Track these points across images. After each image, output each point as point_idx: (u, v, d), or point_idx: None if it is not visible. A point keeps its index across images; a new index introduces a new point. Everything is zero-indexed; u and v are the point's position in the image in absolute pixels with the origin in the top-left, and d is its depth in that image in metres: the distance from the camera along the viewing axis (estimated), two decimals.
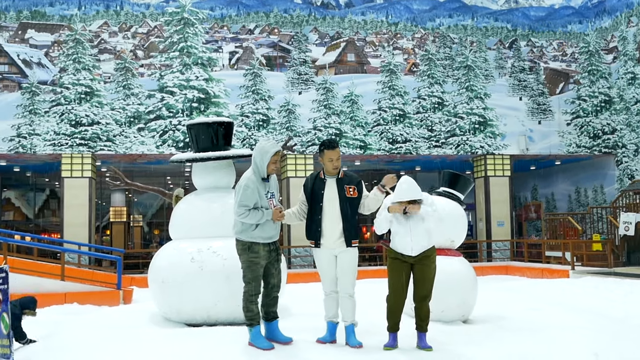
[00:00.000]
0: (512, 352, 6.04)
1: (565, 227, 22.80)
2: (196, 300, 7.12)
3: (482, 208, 24.81)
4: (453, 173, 8.01)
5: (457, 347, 6.21)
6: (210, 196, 7.66)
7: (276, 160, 6.12)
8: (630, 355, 6.30)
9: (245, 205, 6.00)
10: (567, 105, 25.24)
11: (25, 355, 6.22)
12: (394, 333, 6.16)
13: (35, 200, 30.21)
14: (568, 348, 6.31)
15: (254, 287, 6.08)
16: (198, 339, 6.25)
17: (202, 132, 7.67)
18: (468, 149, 24.06)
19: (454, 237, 7.77)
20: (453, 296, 7.46)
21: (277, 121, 22.93)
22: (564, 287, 13.93)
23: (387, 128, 23.63)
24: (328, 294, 6.35)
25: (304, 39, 24.00)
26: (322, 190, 6.23)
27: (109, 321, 7.72)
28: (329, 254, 6.23)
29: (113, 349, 6.06)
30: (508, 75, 25.17)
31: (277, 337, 6.16)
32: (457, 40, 25.07)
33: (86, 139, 21.60)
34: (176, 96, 22.19)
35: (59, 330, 7.25)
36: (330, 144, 6.27)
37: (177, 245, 7.53)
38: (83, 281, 16.07)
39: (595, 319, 8.33)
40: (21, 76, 21.78)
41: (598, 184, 26.11)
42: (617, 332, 7.44)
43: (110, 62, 22.48)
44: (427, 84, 24.26)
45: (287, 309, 7.98)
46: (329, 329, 6.34)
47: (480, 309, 8.42)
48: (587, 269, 18.74)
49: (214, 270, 7.08)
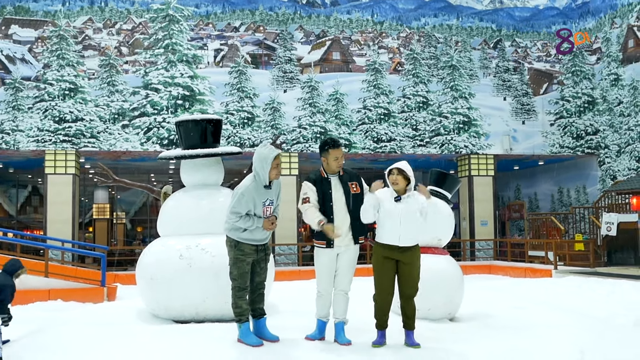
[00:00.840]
0: (499, 349, 6.10)
1: (548, 226, 23.00)
2: (185, 297, 7.11)
3: (465, 207, 24.96)
4: (440, 172, 8.07)
5: (445, 344, 6.26)
6: (198, 193, 7.66)
7: (277, 164, 6.06)
8: (614, 353, 6.38)
9: (237, 212, 5.99)
10: (551, 106, 25.44)
11: (14, 352, 6.18)
12: (382, 331, 6.19)
13: (18, 197, 29.96)
14: (554, 345, 6.39)
15: (240, 284, 6.09)
16: (187, 336, 6.25)
17: (190, 129, 7.65)
18: (452, 148, 24.19)
19: (441, 235, 7.83)
20: (440, 294, 7.51)
21: (262, 119, 22.91)
22: (547, 287, 14.05)
23: (372, 127, 23.69)
24: (322, 294, 6.31)
25: (290, 37, 23.99)
26: (330, 190, 6.21)
27: (97, 318, 7.69)
28: (332, 253, 6.21)
29: (102, 346, 6.05)
30: (492, 75, 25.33)
31: (264, 334, 6.17)
32: (442, 39, 25.18)
33: (70, 135, 21.45)
34: (161, 93, 22.10)
35: (47, 327, 7.20)
36: (334, 143, 6.25)
37: (166, 242, 7.52)
38: (67, 278, 15.98)
39: (579, 317, 8.42)
40: (4, 72, 21.58)
41: (581, 184, 26.35)
42: (601, 331, 7.52)
43: (95, 58, 22.33)
44: (412, 83, 24.35)
45: (274, 306, 8.00)
46: (318, 327, 6.35)
47: (466, 307, 8.48)
48: (569, 269, 18.92)
49: (203, 267, 7.08)
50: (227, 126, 22.46)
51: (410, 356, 5.80)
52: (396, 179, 6.09)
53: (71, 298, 14.28)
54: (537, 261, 21.17)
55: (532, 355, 5.98)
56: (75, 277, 16.24)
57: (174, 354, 5.69)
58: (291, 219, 21.94)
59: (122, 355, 5.75)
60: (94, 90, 21.99)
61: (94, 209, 30.33)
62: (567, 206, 26.17)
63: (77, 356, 5.81)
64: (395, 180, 6.09)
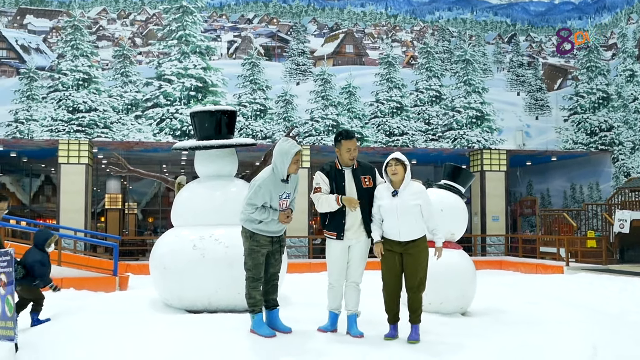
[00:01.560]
0: (511, 344, 6.09)
1: (560, 223, 22.91)
2: (197, 287, 7.14)
3: (477, 202, 24.89)
4: (454, 166, 8.04)
5: (457, 338, 6.25)
6: (212, 184, 7.68)
7: (297, 160, 6.06)
8: (627, 350, 6.36)
9: (253, 204, 6.01)
10: (565, 102, 25.28)
11: (30, 338, 6.23)
12: (394, 324, 6.18)
13: (31, 186, 30.15)
14: (567, 341, 6.37)
15: (254, 275, 6.11)
16: (199, 326, 6.28)
17: (205, 120, 7.66)
18: (465, 143, 24.11)
19: (454, 230, 7.81)
20: (452, 288, 7.51)
21: (275, 111, 22.92)
22: (559, 283, 14.06)
23: (384, 120, 23.65)
24: (333, 286, 6.32)
25: (303, 30, 23.95)
26: (343, 182, 6.20)
27: (110, 307, 7.74)
28: (344, 245, 6.21)
29: (115, 334, 6.09)
30: (506, 70, 25.19)
31: (277, 325, 6.19)
32: (456, 33, 25.06)
33: (83, 125, 21.55)
34: (174, 84, 22.15)
35: (61, 315, 7.26)
36: (347, 134, 6.24)
37: (179, 232, 7.55)
38: (79, 267, 16.10)
39: (591, 314, 8.40)
40: (19, 61, 21.68)
41: (594, 181, 26.19)
42: (614, 327, 7.51)
43: (109, 49, 22.39)
44: (425, 77, 24.27)
45: (286, 298, 8.02)
46: (330, 319, 6.36)
47: (478, 302, 8.46)
48: (581, 266, 18.86)
49: (216, 257, 7.10)
50: (240, 118, 22.48)
51: (421, 349, 5.79)
52: (395, 170, 6.05)
53: (83, 287, 14.40)
54: (549, 257, 21.11)
55: (545, 351, 5.96)
56: (87, 266, 16.35)
57: (187, 343, 5.72)
58: (302, 211, 21.96)
59: (134, 343, 5.78)
60: (107, 81, 22.06)
61: (106, 199, 30.47)
62: (580, 203, 26.03)
63: (91, 344, 5.85)
64: (395, 171, 6.06)
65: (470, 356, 5.64)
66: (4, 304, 6.01)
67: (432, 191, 8.05)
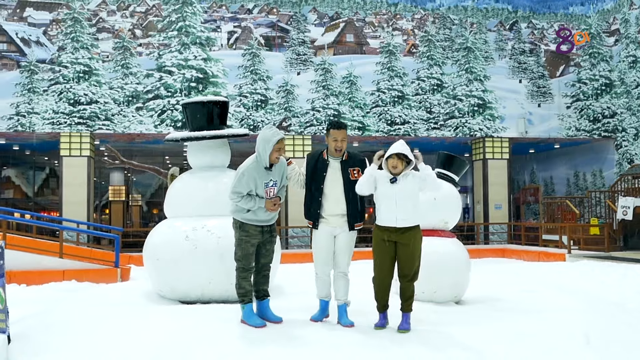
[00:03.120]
0: (503, 332, 6.08)
1: (563, 210, 22.83)
2: (190, 278, 7.15)
3: (479, 191, 24.83)
4: (448, 155, 8.01)
5: (448, 327, 6.24)
6: (205, 175, 7.67)
7: (280, 148, 6.03)
8: (621, 337, 6.33)
9: (238, 192, 6.01)
10: (568, 88, 25.15)
11: (21, 330, 6.25)
12: (383, 313, 6.17)
13: (35, 179, 30.23)
14: (560, 329, 6.35)
15: (244, 265, 6.11)
16: (190, 316, 6.29)
17: (197, 111, 7.64)
18: (467, 131, 24.03)
19: (448, 218, 7.79)
20: (446, 277, 7.50)
21: (276, 101, 22.88)
22: (560, 270, 14.02)
23: (386, 109, 23.58)
24: (319, 276, 6.36)
25: (303, 19, 23.86)
26: (325, 172, 6.20)
27: (104, 298, 7.76)
28: (329, 234, 6.23)
29: (107, 325, 6.11)
30: (508, 58, 25.05)
31: (267, 316, 6.20)
32: (457, 21, 24.92)
33: (85, 118, 21.57)
34: (174, 76, 22.13)
35: (55, 307, 7.29)
36: (337, 124, 6.24)
37: (172, 223, 7.56)
38: (81, 259, 16.15)
39: (589, 301, 8.38)
40: (20, 55, 21.69)
41: (597, 167, 26.10)
42: (611, 315, 7.48)
43: (109, 41, 22.37)
44: (426, 65, 24.17)
45: (280, 288, 8.03)
46: (321, 306, 6.38)
47: (475, 290, 8.47)
48: (583, 253, 18.82)
49: (208, 248, 7.10)
50: (241, 108, 22.47)
51: (411, 338, 5.78)
52: (396, 164, 6.02)
53: (85, 279, 14.44)
54: (552, 245, 21.05)
55: (536, 338, 5.93)
56: (89, 258, 16.39)
57: (176, 334, 5.73)
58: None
59: (125, 334, 5.80)
60: (108, 73, 22.06)
61: (110, 191, 30.53)
62: (583, 190, 25.95)
63: (82, 335, 5.87)
64: (395, 165, 6.03)
65: (460, 344, 5.63)
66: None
67: None
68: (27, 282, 14.04)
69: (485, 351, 5.48)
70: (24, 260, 15.22)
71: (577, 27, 25.46)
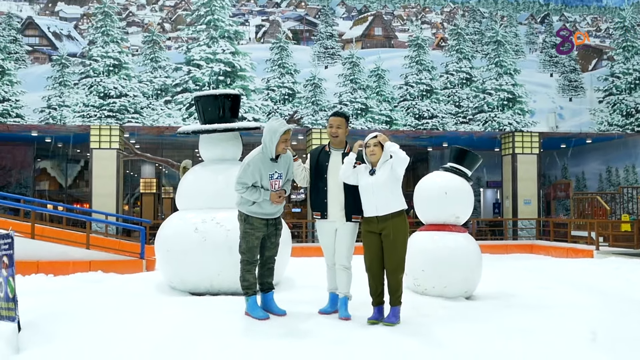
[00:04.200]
0: (507, 328, 6.00)
1: (594, 206, 22.47)
2: (199, 270, 7.21)
3: (509, 186, 24.55)
4: (460, 149, 7.93)
5: (452, 323, 6.16)
6: (216, 168, 7.72)
7: (286, 139, 6.07)
8: (631, 336, 6.21)
9: (243, 183, 6.05)
10: (600, 83, 24.69)
11: (30, 319, 6.38)
12: (377, 307, 6.13)
13: (70, 171, 30.77)
14: (567, 325, 6.24)
15: (248, 257, 6.14)
16: (196, 307, 6.35)
17: (209, 104, 7.69)
18: (496, 125, 23.76)
19: (459, 213, 7.71)
20: (456, 272, 7.42)
21: (303, 95, 22.91)
22: (584, 267, 13.78)
23: (414, 103, 23.44)
24: (330, 267, 6.42)
25: (331, 13, 23.83)
26: (327, 163, 6.29)
27: (117, 289, 7.88)
28: (331, 226, 6.28)
29: (114, 315, 6.20)
30: (539, 51, 24.69)
31: (271, 308, 6.23)
32: (487, 14, 24.63)
33: (114, 111, 21.87)
34: (203, 69, 22.29)
35: (66, 297, 7.42)
36: (334, 112, 6.41)
37: (183, 215, 7.63)
38: (108, 250, 16.41)
39: (605, 299, 8.21)
40: (51, 48, 22.07)
41: (630, 163, 25.60)
42: (624, 312, 7.32)
43: (138, 35, 22.64)
44: (455, 59, 23.95)
45: (291, 280, 8.06)
46: (330, 300, 6.41)
47: (489, 286, 8.38)
48: (612, 250, 18.49)
49: (217, 241, 7.16)
50: (268, 102, 22.55)
51: (413, 333, 5.75)
52: (373, 150, 6.05)
53: (111, 270, 14.63)
54: (582, 242, 20.73)
55: (541, 335, 5.85)
56: (116, 250, 16.65)
57: (181, 325, 5.79)
58: None
59: (131, 324, 5.87)
60: (137, 67, 22.33)
61: (141, 184, 30.95)
62: (616, 186, 25.49)
63: (89, 325, 5.97)
64: (373, 152, 6.05)
65: (460, 340, 5.58)
66: (6, 286, 6.16)
67: (437, 174, 7.99)
68: (55, 273, 14.31)
69: (486, 348, 5.42)
70: (51, 251, 15.53)
71: (611, 19, 24.96)
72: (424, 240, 7.64)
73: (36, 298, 7.78)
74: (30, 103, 21.49)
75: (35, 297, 8.05)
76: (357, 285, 6.56)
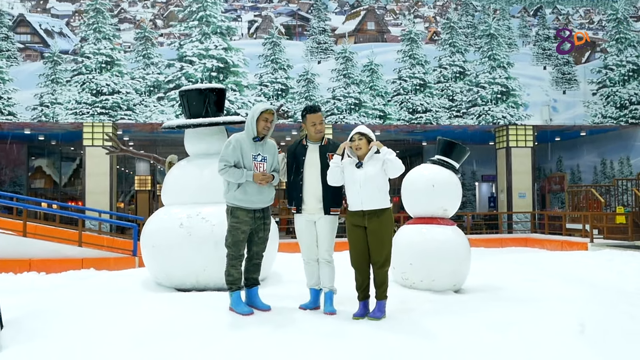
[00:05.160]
0: (493, 321, 5.96)
1: (588, 199, 22.45)
2: (185, 265, 7.15)
3: (503, 179, 24.53)
4: (448, 141, 7.88)
5: (438, 316, 6.11)
6: (201, 162, 7.65)
7: (267, 118, 6.09)
8: (618, 327, 6.16)
9: (225, 161, 6.03)
10: (593, 75, 24.67)
11: (14, 317, 6.33)
12: (362, 302, 6.08)
13: (65, 169, 30.71)
14: (554, 318, 6.20)
15: (234, 252, 6.09)
16: (180, 303, 6.29)
17: (193, 98, 7.64)
18: (490, 119, 23.73)
19: (447, 206, 7.67)
20: (444, 265, 7.37)
21: (296, 90, 22.86)
22: (578, 260, 13.78)
23: (407, 98, 23.40)
24: (307, 262, 6.36)
25: (324, 7, 23.76)
26: (304, 157, 6.22)
27: (104, 286, 7.82)
28: (308, 220, 6.22)
29: (98, 312, 6.14)
30: (532, 44, 24.66)
31: (255, 303, 6.17)
32: (480, 7, 24.57)
33: (107, 108, 21.80)
34: (195, 65, 22.22)
35: (51, 294, 7.37)
36: (312, 109, 6.27)
37: (168, 210, 7.57)
38: (100, 247, 16.38)
39: (595, 291, 8.17)
40: (43, 46, 22.00)
41: (624, 155, 25.59)
42: (614, 305, 7.27)
43: (130, 31, 22.56)
44: (448, 52, 23.91)
45: (278, 275, 8.01)
46: (312, 296, 6.35)
47: (478, 279, 8.34)
48: (606, 242, 18.49)
49: (202, 236, 7.09)
50: (262, 98, 22.50)
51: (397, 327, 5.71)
52: (359, 144, 6.00)
53: (103, 267, 14.61)
54: (577, 234, 20.73)
55: (527, 327, 5.80)
56: (109, 247, 16.62)
57: (163, 321, 5.74)
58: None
59: (114, 321, 5.82)
60: (129, 63, 22.26)
61: (135, 181, 30.88)
62: (611, 178, 25.47)
63: (71, 322, 5.91)
64: (358, 146, 6.01)
65: (445, 333, 5.54)
66: None
67: (424, 166, 7.94)
68: (47, 270, 14.26)
69: (472, 341, 5.38)
70: (44, 249, 15.50)
71: (604, 12, 24.91)
72: (412, 234, 7.60)
73: (22, 296, 7.73)
74: (23, 101, 21.42)
75: (22, 295, 8.00)
76: (342, 280, 6.51)
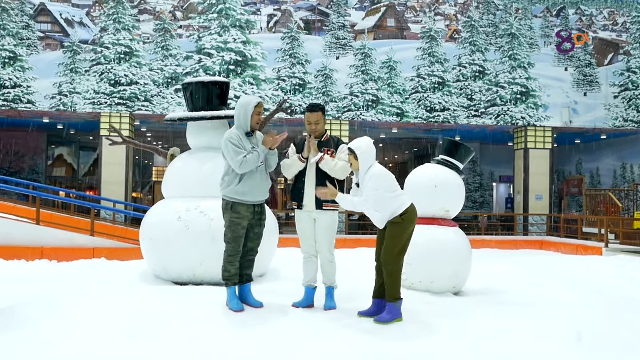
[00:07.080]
0: (488, 326, 5.87)
1: (606, 203, 22.14)
2: (182, 259, 7.14)
3: (520, 180, 24.28)
4: (452, 141, 7.78)
5: (432, 319, 6.05)
6: (202, 156, 7.63)
7: (259, 112, 6.09)
8: (616, 336, 6.03)
9: (241, 152, 5.91)
10: (616, 77, 24.30)
11: (9, 305, 6.36)
12: (375, 300, 6.04)
13: (84, 158, 30.92)
14: (552, 324, 6.09)
15: (233, 248, 6.06)
16: (174, 297, 6.28)
17: (196, 91, 7.60)
18: (508, 119, 23.49)
19: (449, 206, 7.57)
20: (444, 267, 7.29)
21: (314, 86, 22.80)
22: (588, 264, 13.52)
23: (425, 96, 23.23)
24: (306, 258, 6.35)
25: (344, 3, 23.65)
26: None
27: (103, 276, 7.85)
28: (308, 216, 6.22)
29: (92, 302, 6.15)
30: (554, 44, 24.33)
31: (247, 300, 6.15)
32: (502, 6, 24.31)
33: (124, 98, 21.91)
34: (213, 58, 22.24)
35: (53, 283, 7.40)
36: (310, 107, 6.26)
37: (168, 203, 7.55)
38: (112, 237, 16.46)
39: (599, 297, 8.01)
40: (63, 35, 22.15)
41: None
42: (615, 312, 7.13)
43: (150, 22, 22.65)
44: (468, 51, 23.69)
45: (277, 271, 7.97)
46: (306, 293, 6.32)
47: (479, 281, 8.25)
48: (622, 247, 18.21)
49: (200, 230, 7.07)
50: (279, 92, 22.48)
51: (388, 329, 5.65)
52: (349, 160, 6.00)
53: (114, 257, 14.65)
54: (594, 238, 20.45)
55: (522, 333, 5.71)
56: (120, 237, 16.69)
57: (155, 314, 5.73)
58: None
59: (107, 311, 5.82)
60: (148, 54, 22.36)
61: (153, 172, 31.03)
62: (630, 182, 25.11)
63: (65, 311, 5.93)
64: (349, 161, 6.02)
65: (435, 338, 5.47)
66: None
67: (428, 166, 7.85)
68: (58, 259, 14.37)
69: (459, 346, 5.30)
70: (57, 237, 15.62)
71: (628, 13, 24.51)
72: (413, 234, 7.50)
73: (24, 284, 7.77)
74: (42, 89, 21.61)
75: (24, 283, 8.04)
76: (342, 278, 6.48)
